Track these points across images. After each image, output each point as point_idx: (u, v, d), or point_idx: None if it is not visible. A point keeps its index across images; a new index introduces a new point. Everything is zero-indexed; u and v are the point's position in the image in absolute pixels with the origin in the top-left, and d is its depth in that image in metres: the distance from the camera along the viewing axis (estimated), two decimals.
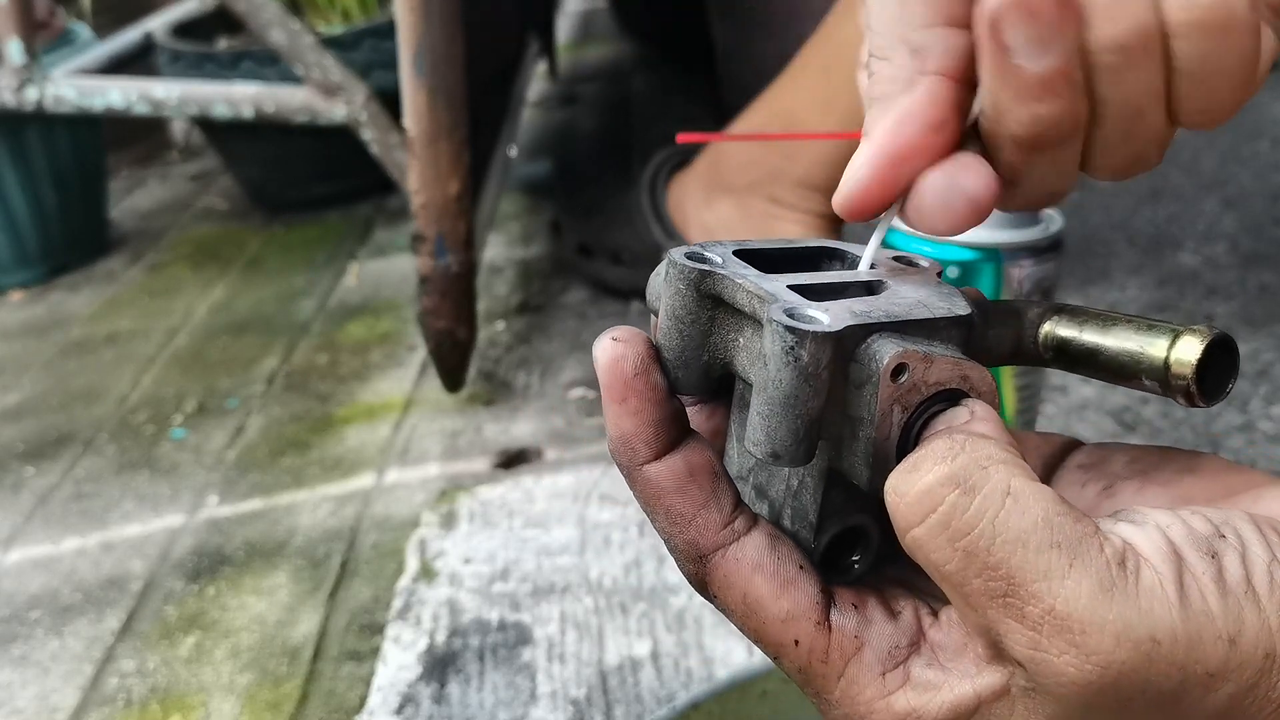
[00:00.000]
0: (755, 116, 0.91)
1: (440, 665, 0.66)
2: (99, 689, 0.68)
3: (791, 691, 0.31)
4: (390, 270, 1.26)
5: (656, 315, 0.30)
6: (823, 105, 0.85)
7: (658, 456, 0.28)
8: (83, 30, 1.42)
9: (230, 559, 0.79)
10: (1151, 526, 0.25)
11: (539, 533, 0.76)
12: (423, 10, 0.79)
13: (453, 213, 0.84)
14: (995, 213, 0.65)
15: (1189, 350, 0.27)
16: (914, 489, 0.24)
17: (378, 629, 0.70)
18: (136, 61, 1.38)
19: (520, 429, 0.90)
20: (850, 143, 0.28)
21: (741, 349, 0.28)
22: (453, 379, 0.92)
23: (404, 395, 0.98)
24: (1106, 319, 0.29)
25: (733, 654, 0.63)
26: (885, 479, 0.26)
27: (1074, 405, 0.81)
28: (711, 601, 0.29)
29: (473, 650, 0.67)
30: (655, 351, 0.28)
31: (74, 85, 1.18)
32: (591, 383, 0.95)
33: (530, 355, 1.01)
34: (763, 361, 0.25)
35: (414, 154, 0.82)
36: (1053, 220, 0.60)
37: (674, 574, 0.70)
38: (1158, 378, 0.28)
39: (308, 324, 1.15)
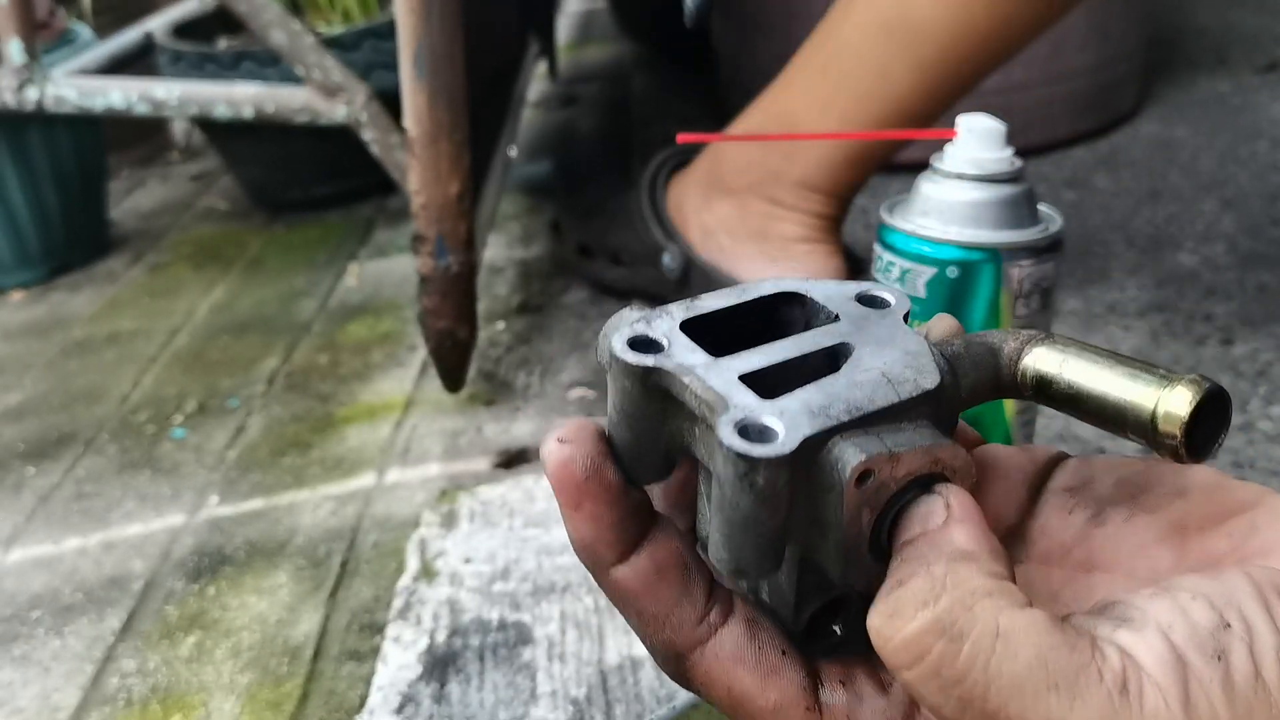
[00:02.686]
0: (754, 117, 0.91)
1: (441, 665, 0.66)
2: (100, 688, 0.68)
3: None
4: (391, 270, 1.26)
5: (608, 372, 0.28)
6: (821, 105, 0.85)
7: (622, 559, 0.26)
8: (83, 30, 1.42)
9: (231, 559, 0.79)
10: (1152, 629, 0.23)
11: (539, 532, 0.76)
12: (423, 11, 0.79)
13: (453, 213, 0.84)
14: (995, 213, 0.65)
15: (1178, 404, 0.25)
16: (898, 636, 0.23)
17: (378, 628, 0.70)
18: (137, 62, 1.39)
19: (521, 429, 0.90)
20: (850, 143, 0.28)
21: (698, 439, 0.25)
22: (453, 379, 0.92)
23: (405, 395, 0.98)
24: (1090, 357, 0.27)
25: None
26: (858, 572, 0.25)
27: None
28: (697, 694, 0.28)
29: (473, 650, 0.67)
30: (607, 445, 0.26)
31: (75, 85, 1.18)
32: (592, 383, 0.95)
33: (530, 355, 1.02)
34: (717, 482, 0.24)
35: (414, 154, 0.83)
36: (1052, 220, 0.60)
37: None
38: (1143, 432, 0.26)
39: (309, 324, 1.15)
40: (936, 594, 0.23)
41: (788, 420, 0.23)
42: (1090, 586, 0.28)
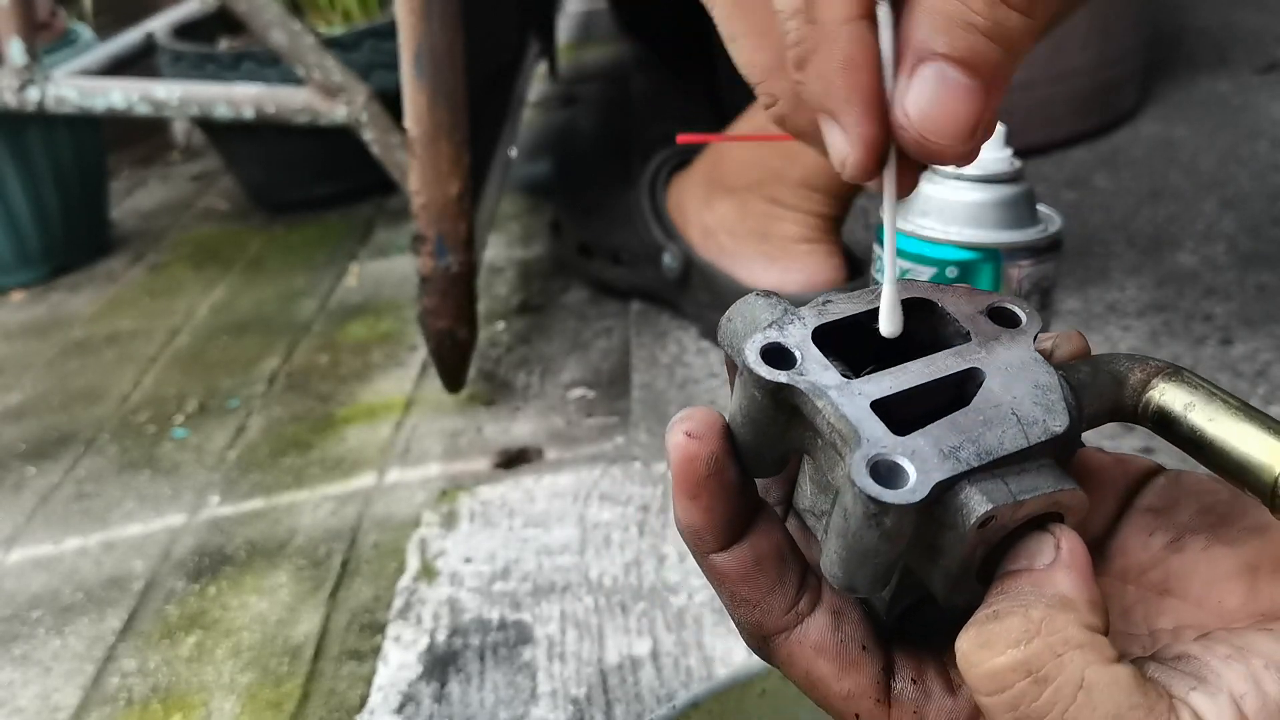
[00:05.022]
0: (755, 116, 0.91)
1: (441, 664, 0.66)
2: (100, 688, 0.68)
3: (791, 690, 0.31)
4: (391, 270, 1.26)
5: (728, 358, 0.28)
6: None
7: (725, 547, 0.28)
8: (84, 31, 1.42)
9: (231, 558, 0.79)
10: (1225, 698, 0.24)
11: (539, 532, 0.76)
12: (423, 11, 0.79)
13: (453, 213, 0.84)
14: (994, 213, 0.65)
15: None
16: (985, 666, 0.24)
17: (379, 628, 0.70)
18: (138, 62, 1.39)
19: (520, 429, 0.90)
20: None
21: (819, 449, 0.26)
22: (453, 379, 0.92)
23: (405, 395, 0.98)
24: (1217, 404, 0.27)
25: (733, 653, 0.63)
26: (961, 594, 0.25)
27: None
28: (777, 669, 0.29)
29: (473, 649, 0.67)
30: (729, 443, 0.27)
31: (75, 86, 1.18)
32: (591, 383, 0.95)
33: (530, 355, 1.02)
34: (842, 513, 0.24)
35: (414, 154, 0.83)
36: (1051, 220, 0.60)
37: (673, 574, 0.70)
38: (1260, 493, 0.26)
39: (309, 324, 1.15)
40: (1030, 636, 0.23)
41: (919, 463, 0.24)
42: (1160, 609, 0.29)
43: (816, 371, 0.25)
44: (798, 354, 0.26)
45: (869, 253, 0.65)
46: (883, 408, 0.25)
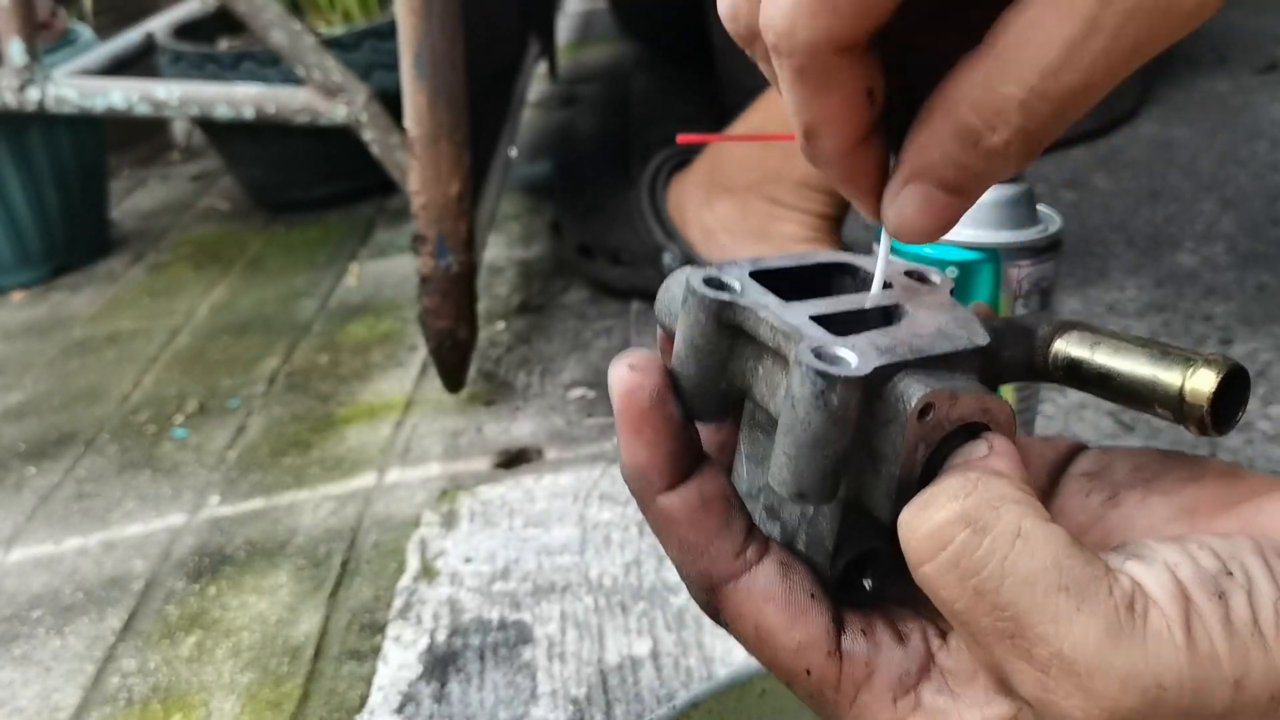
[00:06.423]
0: (755, 117, 0.92)
1: (441, 664, 0.66)
2: (100, 688, 0.68)
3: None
4: (391, 271, 1.26)
5: (663, 330, 0.29)
6: None
7: (671, 487, 0.28)
8: (84, 31, 1.42)
9: (231, 558, 0.79)
10: (1160, 565, 0.24)
11: (539, 532, 0.77)
12: (423, 11, 0.79)
13: (453, 213, 0.84)
14: (993, 213, 0.65)
15: (1204, 382, 0.27)
16: (925, 526, 0.24)
17: (379, 628, 0.70)
18: (138, 62, 1.39)
19: (521, 429, 0.90)
20: None
21: (760, 378, 0.27)
22: (453, 379, 0.92)
23: (405, 395, 0.98)
24: (1118, 341, 0.29)
25: (732, 653, 0.63)
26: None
27: (1072, 405, 0.81)
28: (724, 628, 0.29)
29: (473, 649, 0.67)
30: (671, 380, 0.28)
31: (75, 86, 1.18)
32: (591, 383, 0.95)
33: (530, 355, 1.02)
34: (790, 403, 0.25)
35: (414, 155, 0.83)
36: (1051, 220, 0.60)
37: (673, 574, 0.70)
38: (1171, 407, 0.28)
39: (309, 324, 1.15)
40: (967, 491, 0.24)
41: (859, 352, 0.25)
42: None
43: (757, 295, 0.27)
44: (738, 284, 0.28)
45: (869, 253, 0.65)
46: (821, 322, 0.27)
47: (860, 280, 0.30)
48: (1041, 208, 0.61)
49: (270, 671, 0.68)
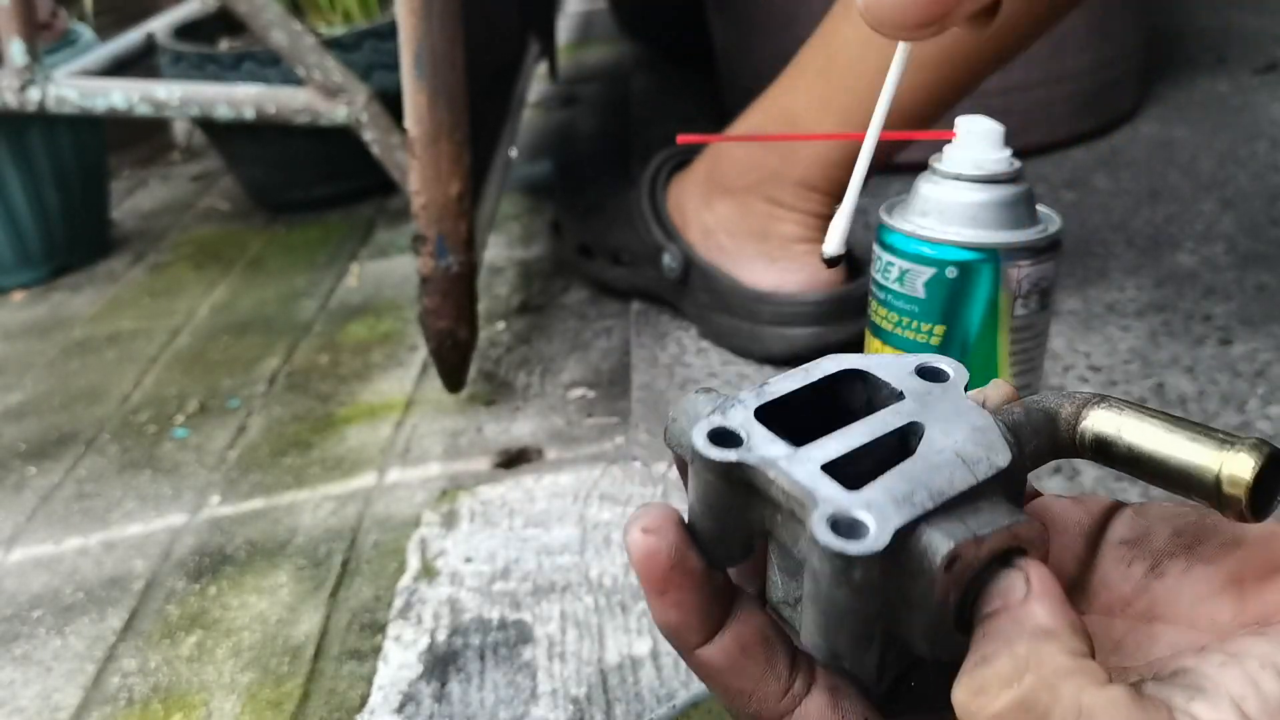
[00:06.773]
0: (754, 117, 0.92)
1: (441, 664, 0.66)
2: (101, 688, 0.69)
3: None
4: (391, 271, 1.26)
5: (676, 457, 0.29)
6: (821, 106, 0.85)
7: (707, 640, 0.27)
8: (85, 31, 1.42)
9: (232, 558, 0.79)
10: (1226, 702, 0.24)
11: (539, 532, 0.77)
12: (423, 11, 0.79)
13: (453, 213, 0.84)
14: (993, 213, 0.65)
15: (1241, 468, 0.26)
16: (984, 713, 0.24)
17: (379, 628, 0.70)
18: (138, 63, 1.39)
19: (521, 429, 0.90)
20: (850, 143, 0.28)
21: (780, 525, 0.26)
22: (453, 379, 0.92)
23: (405, 395, 0.98)
24: (1145, 420, 0.28)
25: None
26: (944, 646, 0.26)
27: None
28: None
29: (474, 649, 0.67)
30: (689, 533, 0.27)
31: (76, 86, 1.18)
32: (591, 383, 0.95)
33: (531, 355, 1.02)
34: (812, 576, 0.25)
35: (415, 155, 0.83)
36: (1050, 220, 0.60)
37: None
38: (1207, 495, 0.27)
39: (309, 324, 1.15)
40: (1020, 673, 0.23)
41: (876, 512, 0.24)
42: (1152, 636, 0.29)
43: (764, 446, 0.26)
44: (744, 433, 0.27)
45: (869, 253, 0.65)
46: (833, 470, 0.26)
47: (871, 386, 0.29)
48: (1041, 208, 0.61)
49: (271, 671, 0.68)
